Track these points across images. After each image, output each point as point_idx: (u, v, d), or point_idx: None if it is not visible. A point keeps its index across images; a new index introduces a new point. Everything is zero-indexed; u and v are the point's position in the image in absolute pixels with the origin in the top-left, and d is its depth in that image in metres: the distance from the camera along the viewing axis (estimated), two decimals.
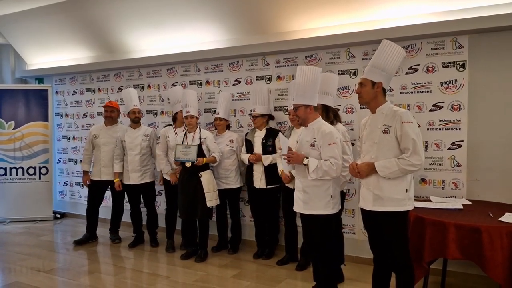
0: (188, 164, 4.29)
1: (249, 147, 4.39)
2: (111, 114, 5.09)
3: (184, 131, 4.49)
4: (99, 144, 5.06)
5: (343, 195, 3.63)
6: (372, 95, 2.76)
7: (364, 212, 2.86)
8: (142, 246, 4.97)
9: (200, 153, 4.31)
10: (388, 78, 2.78)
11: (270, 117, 4.47)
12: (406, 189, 2.70)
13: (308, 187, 3.05)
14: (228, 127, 4.72)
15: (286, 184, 4.01)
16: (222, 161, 4.49)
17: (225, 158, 4.51)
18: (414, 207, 2.82)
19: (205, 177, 4.34)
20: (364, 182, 2.83)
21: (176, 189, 4.57)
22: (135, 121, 4.87)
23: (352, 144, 3.77)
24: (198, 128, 4.46)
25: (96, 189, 5.12)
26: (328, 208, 3.04)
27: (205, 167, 4.36)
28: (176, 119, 4.83)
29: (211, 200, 4.35)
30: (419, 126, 3.42)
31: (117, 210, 5.19)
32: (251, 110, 4.47)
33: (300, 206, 3.12)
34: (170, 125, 4.93)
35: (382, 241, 2.78)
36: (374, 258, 2.92)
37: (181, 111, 4.58)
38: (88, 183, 5.15)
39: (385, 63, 2.73)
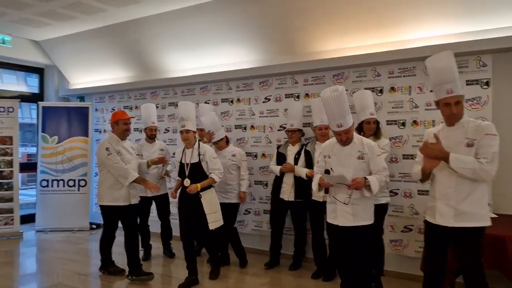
0: (186, 183, 3.90)
1: (282, 160, 4.48)
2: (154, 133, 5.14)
3: (183, 148, 4.09)
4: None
5: (384, 208, 3.82)
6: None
7: (442, 229, 2.70)
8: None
9: (199, 172, 3.91)
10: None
11: (302, 133, 4.63)
12: (488, 203, 2.66)
13: (356, 199, 3.14)
14: (227, 142, 4.77)
15: (313, 198, 4.12)
16: (224, 176, 4.19)
17: (228, 172, 4.48)
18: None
19: (206, 198, 3.92)
20: (441, 197, 2.70)
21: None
22: (151, 137, 5.03)
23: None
24: (197, 144, 4.03)
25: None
26: (373, 218, 3.24)
27: (206, 186, 3.93)
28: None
29: (214, 221, 3.94)
30: None
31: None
32: (280, 126, 4.60)
33: (349, 220, 3.15)
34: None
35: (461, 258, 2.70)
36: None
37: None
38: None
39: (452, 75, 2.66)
